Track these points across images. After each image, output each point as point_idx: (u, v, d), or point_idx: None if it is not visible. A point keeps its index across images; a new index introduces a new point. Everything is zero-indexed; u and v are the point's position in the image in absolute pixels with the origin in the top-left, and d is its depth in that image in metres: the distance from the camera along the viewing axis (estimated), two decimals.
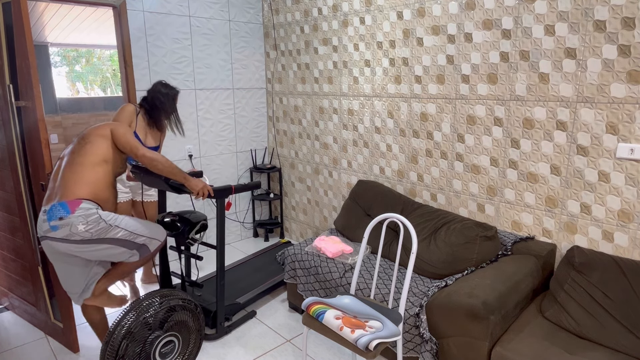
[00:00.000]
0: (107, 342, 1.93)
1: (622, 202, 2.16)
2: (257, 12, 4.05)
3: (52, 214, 1.95)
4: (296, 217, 4.21)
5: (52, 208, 1.96)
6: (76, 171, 2.02)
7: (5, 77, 2.29)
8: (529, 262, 2.32)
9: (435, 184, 2.96)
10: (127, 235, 2.07)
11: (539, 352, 1.85)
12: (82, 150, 2.07)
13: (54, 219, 1.94)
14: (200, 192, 2.36)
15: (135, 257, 2.16)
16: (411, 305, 2.18)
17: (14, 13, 2.14)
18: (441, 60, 2.76)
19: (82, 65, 7.56)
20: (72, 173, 2.02)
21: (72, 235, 1.95)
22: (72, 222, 1.93)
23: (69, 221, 1.93)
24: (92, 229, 1.96)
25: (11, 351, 2.55)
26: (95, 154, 2.06)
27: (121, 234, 2.05)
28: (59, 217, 1.93)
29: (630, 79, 2.04)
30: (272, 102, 4.21)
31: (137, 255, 2.15)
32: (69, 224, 1.93)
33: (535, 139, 2.42)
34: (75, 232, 1.94)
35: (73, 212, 1.94)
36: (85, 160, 2.04)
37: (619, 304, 1.95)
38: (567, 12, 2.19)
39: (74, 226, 1.93)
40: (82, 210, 1.95)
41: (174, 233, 2.58)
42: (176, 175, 2.27)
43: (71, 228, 1.93)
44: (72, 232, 1.94)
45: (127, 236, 2.07)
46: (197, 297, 2.89)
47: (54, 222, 1.94)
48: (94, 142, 2.09)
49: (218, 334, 2.68)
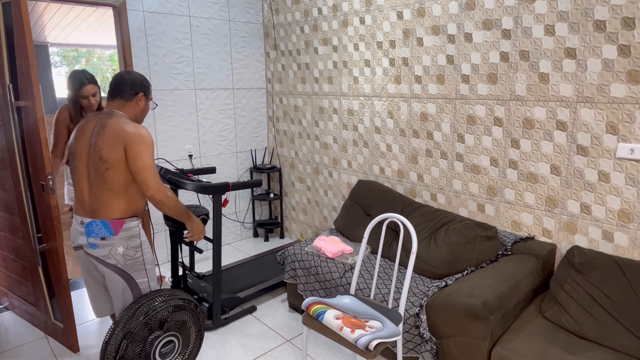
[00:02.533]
0: (107, 342, 1.93)
1: (622, 202, 2.16)
2: (257, 12, 4.05)
3: (93, 231, 1.92)
4: (296, 217, 4.21)
5: (93, 224, 1.92)
6: (109, 197, 1.93)
7: (5, 77, 2.29)
8: (529, 262, 2.32)
9: (435, 184, 2.96)
10: (144, 287, 2.07)
11: (539, 352, 1.85)
12: (105, 176, 1.90)
13: (94, 237, 1.92)
14: (195, 235, 2.26)
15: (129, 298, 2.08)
16: (411, 305, 2.18)
17: (14, 13, 2.14)
18: (441, 60, 2.76)
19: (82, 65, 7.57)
20: (106, 198, 1.93)
21: (108, 257, 1.95)
22: (114, 243, 1.93)
23: (111, 242, 1.93)
24: (128, 256, 1.98)
25: (11, 351, 2.55)
26: (120, 182, 1.93)
27: (142, 282, 2.05)
28: (101, 237, 1.92)
29: (630, 79, 2.04)
30: (272, 102, 4.21)
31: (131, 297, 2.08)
32: (111, 245, 1.93)
33: (535, 139, 2.42)
34: (114, 255, 1.95)
35: (116, 234, 1.93)
36: (113, 188, 1.93)
37: (619, 304, 1.95)
38: (567, 12, 2.19)
39: (114, 247, 1.94)
40: (125, 232, 1.95)
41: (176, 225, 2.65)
42: (181, 215, 2.13)
43: (111, 250, 1.94)
44: (111, 254, 1.94)
45: (144, 288, 2.07)
46: (201, 287, 2.98)
47: (93, 240, 1.93)
48: (114, 169, 1.90)
49: (214, 325, 2.77)
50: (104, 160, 1.88)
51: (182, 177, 2.66)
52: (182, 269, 3.01)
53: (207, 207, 3.95)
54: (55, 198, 2.30)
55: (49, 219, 2.33)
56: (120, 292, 2.04)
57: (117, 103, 2.01)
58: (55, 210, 2.32)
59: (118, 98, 2.00)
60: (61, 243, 2.37)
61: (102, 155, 1.88)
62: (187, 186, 2.60)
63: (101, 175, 1.90)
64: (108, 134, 1.89)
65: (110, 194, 1.92)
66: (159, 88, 3.53)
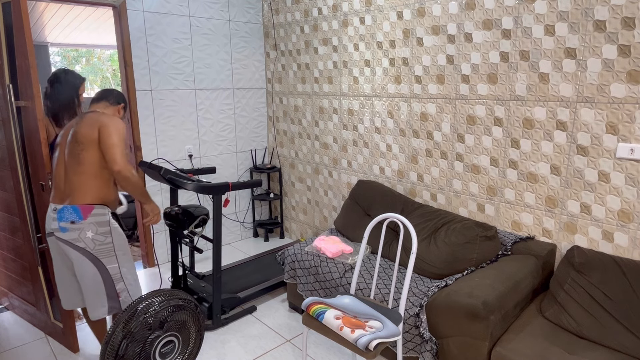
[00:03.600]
0: (107, 342, 1.93)
1: (622, 202, 2.16)
2: (257, 12, 4.05)
3: (64, 216, 2.04)
4: (296, 217, 4.21)
5: (64, 210, 2.04)
6: (81, 180, 2.07)
7: (5, 77, 2.29)
8: (529, 262, 2.32)
9: (435, 184, 2.96)
10: (115, 273, 2.15)
11: (539, 352, 1.85)
12: (80, 157, 2.06)
13: (65, 221, 2.04)
14: (153, 217, 2.33)
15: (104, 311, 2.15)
16: (411, 305, 2.18)
17: (14, 13, 2.14)
18: (441, 60, 2.76)
19: (82, 65, 7.56)
20: (78, 181, 2.07)
21: (77, 241, 2.06)
22: (83, 227, 2.05)
23: (80, 226, 2.05)
24: (98, 241, 2.08)
25: (11, 351, 2.55)
26: (93, 163, 2.07)
27: (112, 267, 2.14)
28: (71, 220, 2.04)
29: (630, 79, 2.04)
30: (272, 102, 4.21)
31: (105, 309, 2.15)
32: (80, 229, 2.05)
33: (535, 139, 2.42)
34: (83, 238, 2.05)
35: (85, 218, 2.05)
36: (86, 170, 2.06)
37: (619, 304, 1.95)
38: (567, 12, 2.19)
39: (83, 232, 2.05)
40: (94, 217, 2.07)
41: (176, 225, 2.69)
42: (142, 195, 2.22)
43: (80, 233, 2.05)
44: (80, 237, 2.05)
45: (114, 274, 2.14)
46: (201, 287, 2.99)
47: (64, 224, 2.04)
48: (88, 149, 2.05)
49: (214, 325, 2.77)
50: (79, 142, 2.06)
51: (182, 177, 2.66)
52: (182, 269, 3.01)
53: (207, 207, 3.96)
54: None
55: None
56: (91, 279, 2.10)
57: (102, 105, 2.25)
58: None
59: (104, 100, 2.26)
60: None
61: (78, 138, 2.06)
62: (187, 186, 2.60)
63: (76, 157, 2.06)
64: (86, 122, 2.09)
65: (84, 177, 2.07)
66: (159, 88, 3.53)
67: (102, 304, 2.14)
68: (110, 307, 2.16)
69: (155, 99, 3.52)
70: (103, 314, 2.16)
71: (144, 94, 3.46)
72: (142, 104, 3.45)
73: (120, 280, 2.17)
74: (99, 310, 2.15)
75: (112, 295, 2.15)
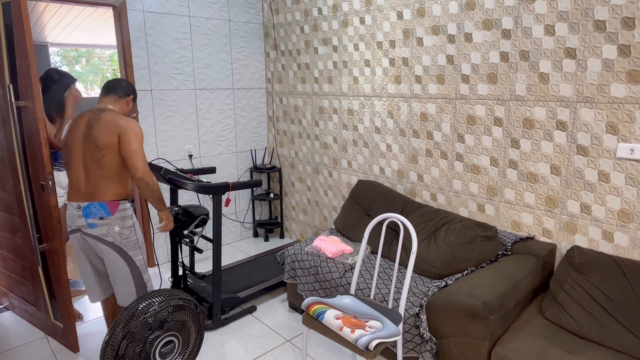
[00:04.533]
0: (107, 342, 1.93)
1: (622, 202, 2.16)
2: (257, 12, 4.05)
3: (91, 212, 2.12)
4: (296, 217, 4.21)
5: (91, 207, 2.12)
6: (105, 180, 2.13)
7: (5, 77, 2.29)
8: (529, 262, 2.32)
9: (435, 184, 2.96)
10: (141, 264, 2.27)
11: (539, 352, 1.85)
12: (101, 162, 2.10)
13: (93, 217, 2.12)
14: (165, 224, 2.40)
15: (131, 299, 2.25)
16: (411, 305, 2.18)
17: (14, 13, 2.14)
18: (441, 60, 2.76)
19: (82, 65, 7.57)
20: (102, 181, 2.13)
21: (107, 236, 2.15)
22: (111, 222, 2.14)
23: (109, 222, 2.14)
24: (124, 234, 2.18)
25: (11, 351, 2.55)
26: (114, 166, 2.13)
27: (138, 259, 2.25)
28: (99, 217, 2.12)
29: (630, 79, 2.04)
30: (272, 102, 4.21)
31: (134, 297, 2.25)
32: (108, 224, 2.14)
33: (535, 139, 2.42)
34: (111, 233, 2.15)
35: (113, 214, 2.14)
36: (107, 172, 2.12)
37: (619, 304, 1.95)
38: (567, 12, 2.19)
39: (111, 227, 2.14)
40: (120, 212, 2.16)
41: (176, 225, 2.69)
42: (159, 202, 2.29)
43: (108, 228, 2.14)
44: (108, 232, 2.15)
45: (141, 265, 2.27)
46: (201, 287, 2.99)
47: (92, 220, 2.13)
48: (109, 154, 2.10)
49: (214, 325, 2.77)
50: (100, 148, 2.09)
51: (182, 177, 2.66)
52: (182, 269, 3.01)
53: (207, 207, 3.96)
54: (55, 198, 2.31)
55: (49, 219, 2.33)
56: (121, 270, 2.21)
57: (110, 98, 2.25)
58: (55, 211, 2.32)
59: (113, 94, 2.25)
60: (61, 243, 2.37)
61: (97, 143, 2.08)
62: (187, 186, 2.60)
63: (97, 162, 2.10)
64: (103, 126, 2.09)
65: (105, 179, 2.12)
66: (159, 88, 3.53)
67: (130, 293, 2.25)
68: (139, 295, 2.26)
69: (155, 99, 3.52)
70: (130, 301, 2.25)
71: (144, 94, 3.46)
72: (142, 104, 3.45)
73: (146, 271, 2.30)
74: (127, 299, 2.26)
75: (140, 284, 2.27)
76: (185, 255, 3.89)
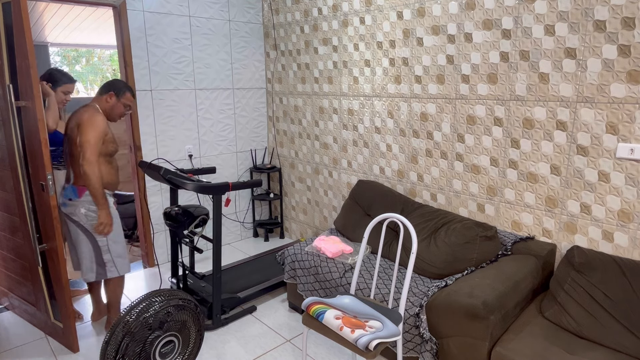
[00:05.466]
0: (107, 342, 1.93)
1: (622, 202, 2.16)
2: (257, 12, 4.05)
3: (66, 193, 2.48)
4: (296, 217, 4.21)
5: (67, 188, 2.48)
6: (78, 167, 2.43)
7: (5, 77, 2.29)
8: (529, 262, 2.32)
9: (435, 184, 2.96)
10: (103, 245, 2.50)
11: (539, 352, 1.85)
12: (73, 151, 2.45)
13: (64, 198, 2.48)
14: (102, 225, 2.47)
15: (92, 275, 2.53)
16: (411, 305, 2.18)
17: (14, 13, 2.14)
18: (441, 60, 2.76)
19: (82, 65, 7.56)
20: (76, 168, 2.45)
21: (73, 215, 2.46)
22: (77, 204, 2.45)
23: (75, 203, 2.45)
24: (90, 216, 2.45)
25: (11, 351, 2.56)
26: None
27: (100, 240, 2.49)
28: (69, 198, 2.46)
29: (630, 79, 2.04)
30: (272, 102, 4.21)
31: (94, 274, 2.53)
32: (75, 205, 2.45)
33: (535, 139, 2.42)
34: (77, 213, 2.44)
35: (80, 197, 2.44)
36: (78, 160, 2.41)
37: (619, 304, 1.95)
38: (567, 12, 2.19)
39: (77, 208, 2.44)
40: (87, 197, 2.44)
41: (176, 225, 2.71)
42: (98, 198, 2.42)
43: (75, 209, 2.45)
44: (75, 212, 2.45)
45: (102, 245, 2.50)
46: (201, 287, 2.99)
47: (63, 200, 2.48)
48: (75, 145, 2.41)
49: (214, 325, 2.77)
50: (70, 138, 2.47)
51: (182, 177, 2.66)
52: (182, 269, 3.01)
53: (207, 207, 3.96)
54: (55, 198, 2.31)
55: (49, 219, 2.33)
56: (84, 247, 2.49)
57: (96, 97, 2.58)
58: (55, 211, 2.32)
59: (99, 93, 2.59)
60: (61, 243, 2.37)
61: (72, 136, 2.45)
62: (187, 186, 2.60)
63: (71, 151, 2.47)
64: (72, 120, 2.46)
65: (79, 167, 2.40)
66: (159, 88, 3.53)
67: (91, 269, 2.52)
68: (97, 273, 2.53)
69: (155, 99, 3.52)
70: (92, 277, 2.53)
71: (144, 94, 3.46)
72: (142, 104, 3.45)
73: (107, 252, 2.52)
74: (89, 274, 2.53)
75: (100, 262, 2.52)
76: (185, 255, 3.89)
